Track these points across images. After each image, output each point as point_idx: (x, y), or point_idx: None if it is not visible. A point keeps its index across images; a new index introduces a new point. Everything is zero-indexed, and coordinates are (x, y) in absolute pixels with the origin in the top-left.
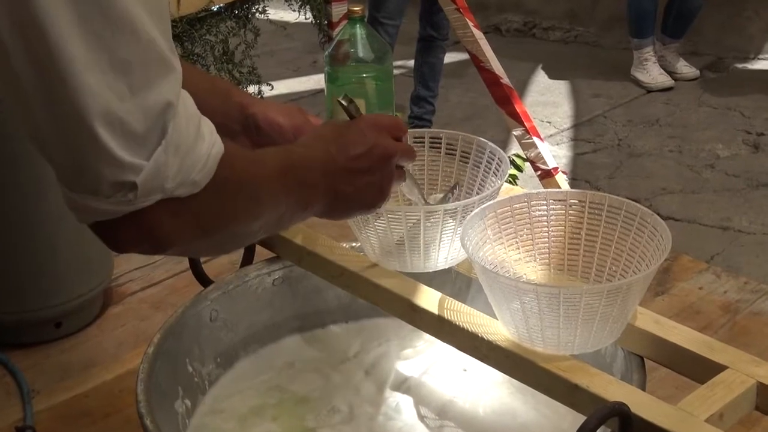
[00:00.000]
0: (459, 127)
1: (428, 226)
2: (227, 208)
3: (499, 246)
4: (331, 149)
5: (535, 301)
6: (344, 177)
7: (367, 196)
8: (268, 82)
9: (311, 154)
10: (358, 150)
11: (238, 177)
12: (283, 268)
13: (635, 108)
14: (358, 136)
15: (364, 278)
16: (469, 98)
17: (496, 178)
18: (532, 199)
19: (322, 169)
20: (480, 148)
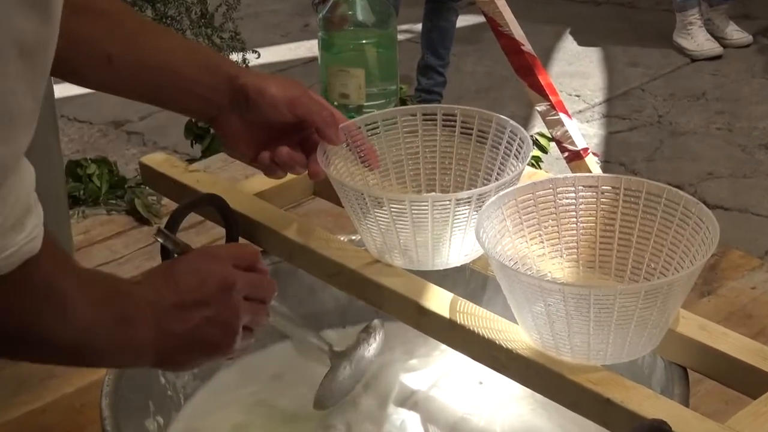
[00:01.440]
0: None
1: (437, 217)
2: (24, 308)
3: (519, 239)
4: (159, 284)
5: (562, 302)
6: (175, 314)
7: (208, 334)
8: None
9: (139, 290)
10: (189, 281)
11: (46, 280)
12: (270, 265)
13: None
14: (188, 266)
15: (364, 277)
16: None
17: (517, 161)
18: (559, 185)
19: (150, 306)
20: (500, 126)
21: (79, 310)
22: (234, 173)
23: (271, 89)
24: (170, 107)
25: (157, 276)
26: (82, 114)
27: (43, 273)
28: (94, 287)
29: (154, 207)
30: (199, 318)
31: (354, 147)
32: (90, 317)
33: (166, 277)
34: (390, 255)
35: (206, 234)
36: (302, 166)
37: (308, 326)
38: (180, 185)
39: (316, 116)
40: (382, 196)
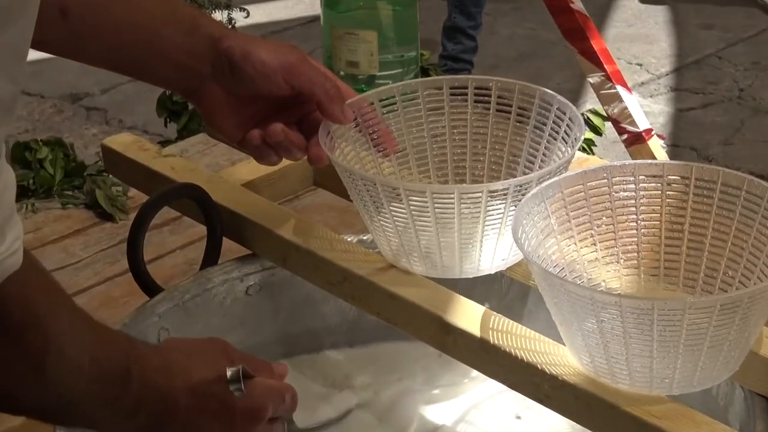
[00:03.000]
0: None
1: (466, 212)
2: None
3: (567, 240)
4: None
5: (619, 318)
6: None
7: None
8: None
9: (151, 389)
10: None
11: (33, 311)
12: (261, 271)
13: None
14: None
15: (376, 285)
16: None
17: (566, 145)
18: (615, 174)
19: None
20: (544, 102)
21: (69, 368)
22: (217, 158)
23: (263, 55)
24: (139, 76)
25: None
26: (31, 85)
27: (29, 305)
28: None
29: (119, 200)
30: None
31: (365, 127)
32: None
33: None
34: (408, 259)
35: (183, 233)
36: (301, 150)
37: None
38: (151, 173)
39: (318, 88)
40: (398, 187)
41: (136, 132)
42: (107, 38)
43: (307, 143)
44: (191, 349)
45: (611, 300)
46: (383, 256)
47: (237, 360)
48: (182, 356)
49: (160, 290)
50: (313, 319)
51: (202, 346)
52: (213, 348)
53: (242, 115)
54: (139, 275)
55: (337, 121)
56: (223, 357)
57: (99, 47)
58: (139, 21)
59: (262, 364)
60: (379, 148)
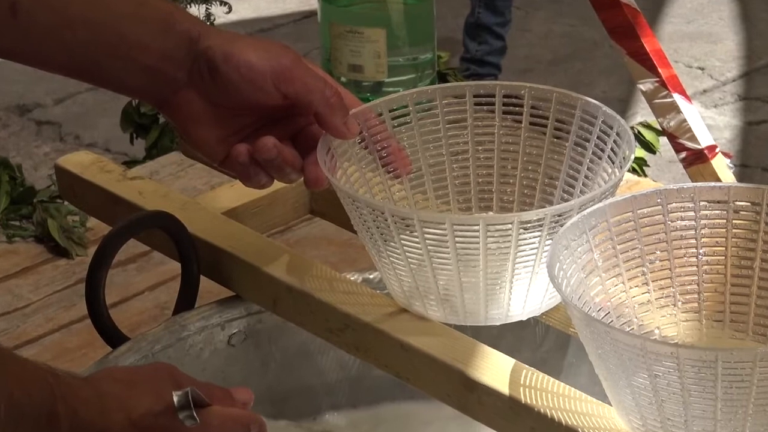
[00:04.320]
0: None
1: (493, 247)
2: None
3: (613, 279)
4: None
5: (676, 373)
6: None
7: None
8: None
9: (86, 427)
10: None
11: None
12: (246, 317)
13: None
14: None
15: (384, 334)
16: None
17: (612, 165)
18: (672, 200)
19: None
20: (587, 115)
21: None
22: (194, 181)
23: (249, 56)
24: (100, 83)
25: None
26: None
27: None
28: None
29: (76, 232)
30: None
31: (372, 143)
32: None
33: None
34: (423, 303)
35: (152, 271)
36: (295, 170)
37: None
38: (114, 199)
39: (316, 96)
40: (412, 217)
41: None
42: (63, 38)
43: (303, 162)
44: (130, 377)
45: (667, 351)
46: (393, 298)
47: (186, 384)
48: (120, 387)
49: (125, 340)
50: (309, 375)
51: (144, 373)
52: (156, 374)
53: (225, 128)
54: (99, 322)
55: (339, 135)
56: (170, 383)
57: (53, 48)
58: (101, 18)
59: (219, 390)
60: (388, 169)
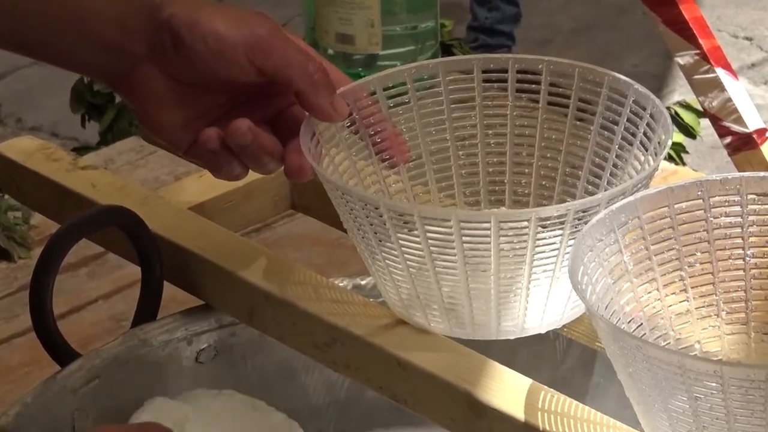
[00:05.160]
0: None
1: (506, 248)
2: None
3: (646, 285)
4: None
5: (720, 394)
6: None
7: None
8: None
9: None
10: None
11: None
12: (217, 329)
13: None
14: None
15: (378, 350)
16: None
17: (645, 152)
18: (715, 193)
19: None
20: (615, 93)
21: None
22: (156, 171)
23: (218, 26)
24: (45, 57)
25: None
26: None
27: None
28: None
29: (19, 230)
30: None
31: (364, 126)
32: None
33: None
34: (424, 313)
35: (107, 277)
36: (275, 158)
37: None
38: (63, 192)
39: (297, 72)
40: (412, 212)
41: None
42: (2, 6)
43: (283, 149)
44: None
45: (709, 369)
46: (389, 308)
47: None
48: None
49: (76, 356)
50: (291, 398)
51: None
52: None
53: (191, 110)
54: (46, 335)
55: (325, 117)
56: None
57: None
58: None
59: None
60: (383, 156)
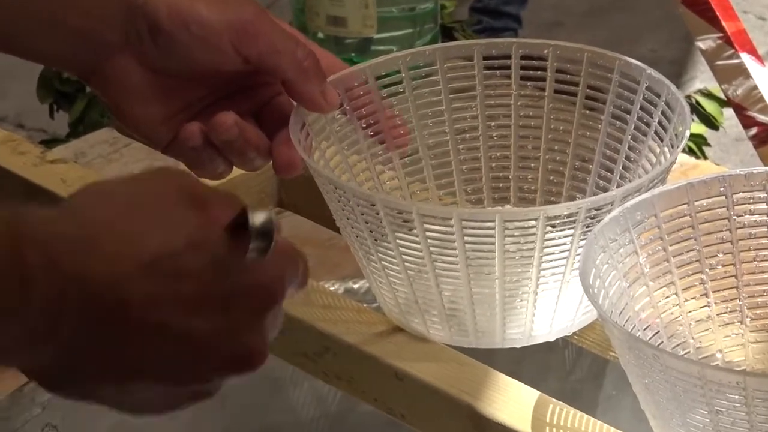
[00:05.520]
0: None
1: (512, 249)
2: None
3: (664, 290)
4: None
5: (744, 408)
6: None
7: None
8: None
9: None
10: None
11: None
12: None
13: None
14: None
15: (373, 359)
16: None
17: (662, 144)
18: (738, 189)
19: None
20: (628, 80)
21: None
22: (130, 165)
23: (201, 11)
24: (11, 48)
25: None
26: None
27: None
28: None
29: None
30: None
31: (356, 118)
32: None
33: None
34: (423, 319)
35: None
36: (261, 153)
37: None
38: (30, 188)
39: (285, 58)
40: (410, 210)
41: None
42: None
43: (270, 142)
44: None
45: (732, 380)
46: (385, 314)
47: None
48: (115, 215)
49: None
50: (277, 411)
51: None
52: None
53: (171, 104)
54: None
55: (315, 107)
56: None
57: None
58: None
59: None
60: (379, 139)
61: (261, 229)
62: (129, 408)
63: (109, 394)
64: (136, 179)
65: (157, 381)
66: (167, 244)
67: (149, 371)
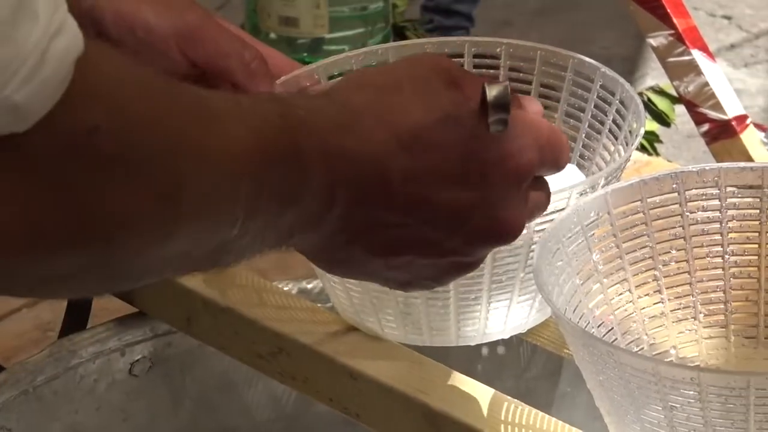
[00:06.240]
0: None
1: None
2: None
3: (617, 287)
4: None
5: (698, 403)
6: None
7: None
8: None
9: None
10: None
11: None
12: (152, 339)
13: None
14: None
15: (328, 359)
16: None
17: (616, 142)
18: (691, 185)
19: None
20: (582, 78)
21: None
22: None
23: (146, 14)
24: None
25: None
26: None
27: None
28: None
29: None
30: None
31: None
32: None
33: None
34: (377, 318)
35: None
36: None
37: None
38: None
39: (232, 61)
40: None
41: None
42: None
43: None
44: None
45: (686, 375)
46: (339, 313)
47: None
48: (374, 95)
49: (0, 370)
50: (232, 413)
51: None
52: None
53: None
54: None
55: None
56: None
57: None
58: None
59: None
60: None
61: (496, 101)
62: (395, 282)
63: (377, 268)
64: (393, 65)
65: (419, 254)
66: (425, 120)
67: (412, 243)
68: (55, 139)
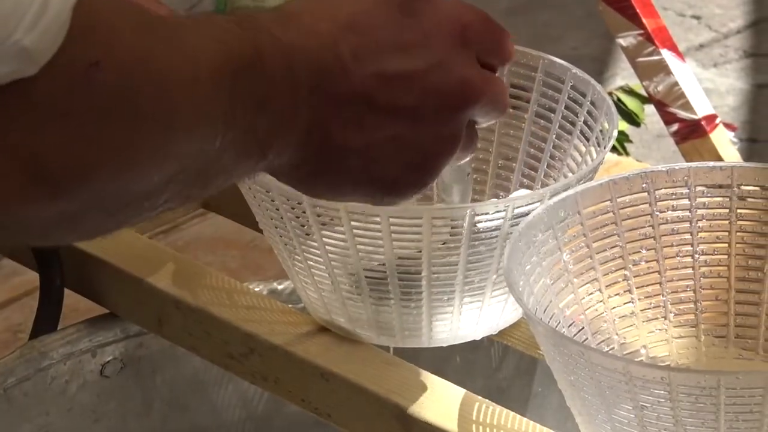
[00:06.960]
0: None
1: (438, 247)
2: (97, 123)
3: (588, 286)
4: (344, 47)
5: (668, 402)
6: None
7: (401, 160)
8: None
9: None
10: (408, 64)
11: (124, 58)
12: (123, 340)
13: None
14: (415, 36)
15: (299, 360)
16: None
17: (587, 143)
18: (660, 185)
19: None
20: (551, 78)
21: (190, 113)
22: None
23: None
24: None
25: (347, 29)
26: None
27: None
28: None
29: None
30: (402, 133)
31: None
32: (210, 119)
33: (364, 38)
34: (348, 320)
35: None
36: None
37: None
38: None
39: None
40: (337, 207)
41: None
42: None
43: None
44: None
45: (656, 375)
46: (310, 314)
47: None
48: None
49: None
50: (203, 413)
51: None
52: None
53: None
54: None
55: None
56: None
57: None
58: None
59: None
60: None
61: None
62: (381, 184)
63: (356, 165)
64: None
65: (393, 131)
66: (359, 5)
67: (384, 121)
68: (60, 78)
